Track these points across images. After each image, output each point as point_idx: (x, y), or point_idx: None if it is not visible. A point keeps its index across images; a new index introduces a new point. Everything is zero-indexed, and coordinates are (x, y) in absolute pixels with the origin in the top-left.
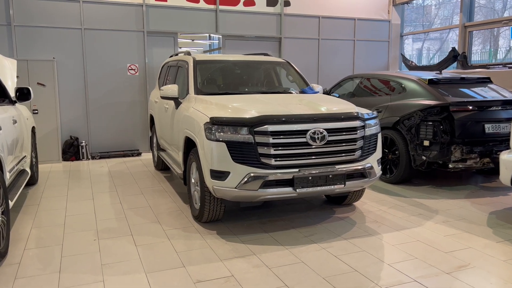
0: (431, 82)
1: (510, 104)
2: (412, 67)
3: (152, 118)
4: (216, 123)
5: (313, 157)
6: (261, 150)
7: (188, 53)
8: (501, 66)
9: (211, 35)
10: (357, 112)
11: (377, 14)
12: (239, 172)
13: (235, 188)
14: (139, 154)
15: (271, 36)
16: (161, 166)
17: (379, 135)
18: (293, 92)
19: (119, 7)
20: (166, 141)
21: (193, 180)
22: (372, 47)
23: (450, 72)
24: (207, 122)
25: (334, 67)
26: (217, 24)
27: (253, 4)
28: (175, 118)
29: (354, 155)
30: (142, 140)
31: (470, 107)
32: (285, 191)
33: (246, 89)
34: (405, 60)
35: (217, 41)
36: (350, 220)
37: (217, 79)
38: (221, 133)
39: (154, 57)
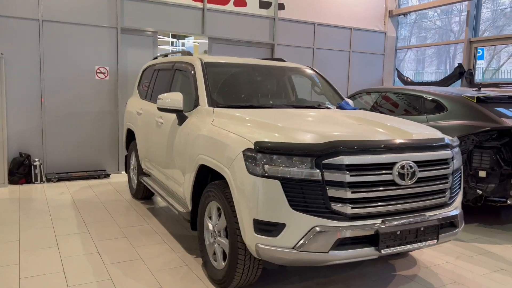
0: (480, 100)
1: None
2: (408, 83)
3: (130, 133)
4: (266, 150)
5: (400, 202)
6: (332, 192)
7: (189, 53)
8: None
9: (195, 37)
10: (446, 138)
11: (373, 25)
12: (299, 224)
13: (294, 248)
14: (107, 175)
15: (263, 42)
16: (142, 194)
17: (462, 169)
18: (331, 108)
19: None
20: (157, 166)
21: (210, 227)
22: (367, 60)
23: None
24: (249, 148)
25: (329, 79)
26: (204, 24)
27: (245, 4)
28: (177, 137)
29: (444, 197)
30: (111, 158)
31: None
32: (365, 253)
33: (272, 102)
34: (400, 75)
35: (198, 44)
36: (422, 280)
37: (234, 87)
38: (274, 166)
39: (128, 59)
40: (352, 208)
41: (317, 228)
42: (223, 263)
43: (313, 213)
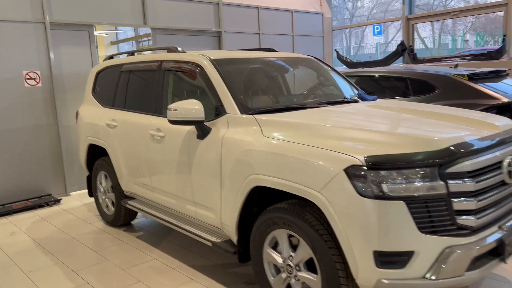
0: (471, 78)
1: None
2: (348, 63)
3: (92, 149)
4: (382, 166)
5: (507, 202)
6: (458, 205)
7: (176, 49)
8: (458, 58)
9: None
10: None
11: (311, 7)
12: (429, 249)
13: (426, 277)
14: (56, 201)
15: (210, 29)
16: (123, 221)
17: None
18: (360, 101)
19: None
20: (159, 189)
21: (279, 260)
22: (309, 43)
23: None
24: (355, 165)
25: None
26: (145, 14)
27: None
28: (200, 153)
29: None
30: (55, 180)
31: None
32: (493, 266)
33: (300, 99)
34: (340, 56)
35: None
36: (496, 276)
37: (256, 87)
38: (396, 184)
39: (63, 60)
40: (478, 219)
41: (450, 250)
42: None
43: (441, 233)
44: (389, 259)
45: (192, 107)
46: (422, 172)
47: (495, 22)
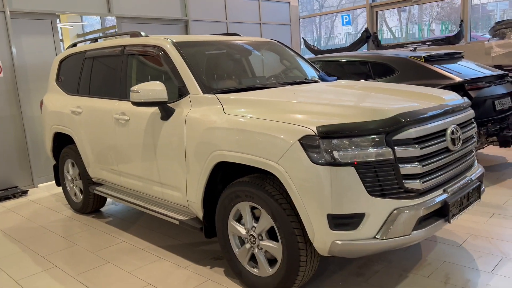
0: (427, 60)
1: (502, 78)
2: (316, 51)
3: (60, 137)
4: (333, 135)
5: (452, 168)
6: (404, 169)
7: (139, 34)
8: (419, 44)
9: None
10: (466, 99)
11: None
12: (379, 210)
13: (375, 238)
14: (24, 192)
15: (177, 18)
16: (92, 207)
17: None
18: (320, 81)
19: None
20: (125, 172)
21: (243, 231)
22: (276, 31)
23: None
24: (308, 135)
25: None
26: (110, 2)
27: None
28: (164, 134)
29: (473, 156)
30: (21, 171)
31: (483, 84)
32: (438, 227)
33: (262, 81)
34: (307, 45)
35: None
36: (444, 240)
37: (218, 69)
38: (346, 152)
39: (25, 50)
40: (423, 183)
41: (398, 211)
42: (270, 269)
43: (389, 196)
44: (342, 222)
45: (155, 88)
46: (371, 140)
47: (459, 12)
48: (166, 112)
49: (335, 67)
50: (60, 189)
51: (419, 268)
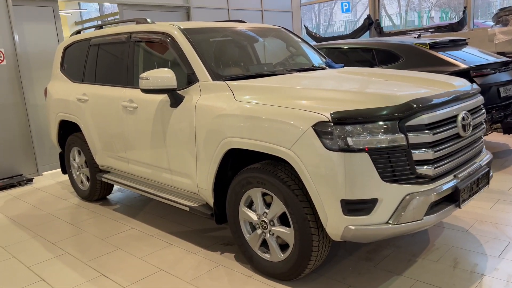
0: (432, 46)
1: (507, 65)
2: (317, 38)
3: (66, 125)
4: (347, 121)
5: (462, 154)
6: (417, 155)
7: (145, 20)
8: (422, 31)
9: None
10: (475, 85)
11: None
12: (392, 196)
13: (389, 222)
14: (29, 180)
15: (178, 5)
16: (99, 195)
17: None
18: (327, 68)
19: None
20: (134, 159)
21: (254, 217)
22: (278, 18)
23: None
24: (322, 122)
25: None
26: None
27: None
28: (174, 121)
29: (482, 143)
30: (26, 160)
31: (487, 70)
32: (449, 212)
33: (270, 68)
34: (309, 32)
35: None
36: (451, 226)
37: (227, 56)
38: (359, 138)
39: (27, 37)
40: (435, 168)
41: (410, 197)
42: (281, 254)
43: (402, 182)
44: (355, 207)
45: (165, 75)
46: (384, 126)
47: None
48: (176, 99)
49: (338, 55)
50: (65, 177)
51: (427, 253)
